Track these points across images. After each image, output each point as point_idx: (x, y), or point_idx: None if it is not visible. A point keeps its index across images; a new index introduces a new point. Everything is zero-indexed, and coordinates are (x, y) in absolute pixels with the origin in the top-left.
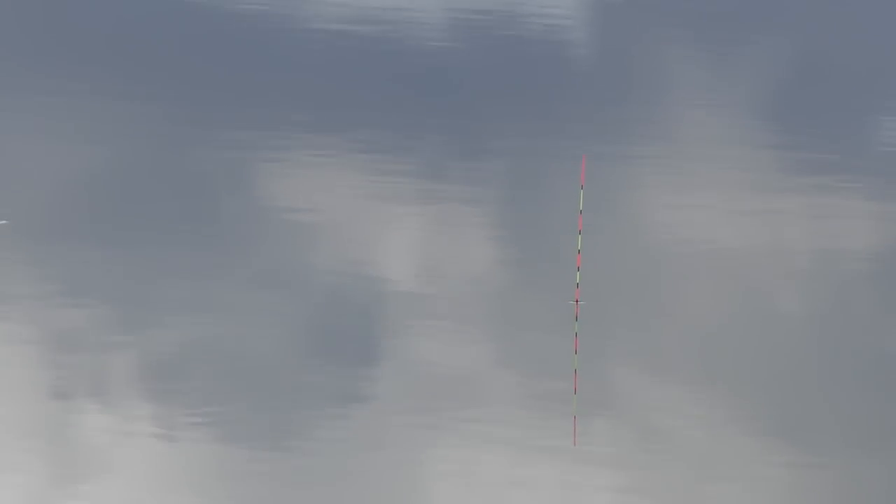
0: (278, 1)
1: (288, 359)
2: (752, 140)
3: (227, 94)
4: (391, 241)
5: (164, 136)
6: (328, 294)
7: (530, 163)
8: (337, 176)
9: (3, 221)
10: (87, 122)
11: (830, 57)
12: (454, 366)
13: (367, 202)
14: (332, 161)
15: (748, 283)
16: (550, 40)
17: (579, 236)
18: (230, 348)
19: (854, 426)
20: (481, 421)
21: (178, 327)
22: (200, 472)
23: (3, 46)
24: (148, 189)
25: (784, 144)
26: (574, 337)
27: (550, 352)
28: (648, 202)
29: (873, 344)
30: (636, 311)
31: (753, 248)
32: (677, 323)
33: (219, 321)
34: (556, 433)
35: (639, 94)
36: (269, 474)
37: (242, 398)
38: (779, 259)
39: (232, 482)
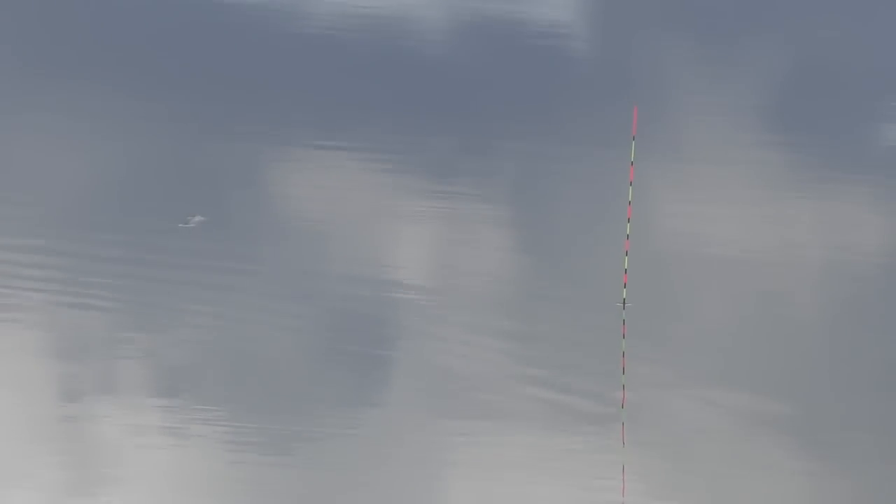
0: (282, 4)
1: (299, 363)
2: (758, 142)
3: (235, 97)
4: (403, 244)
5: (170, 139)
6: (340, 297)
7: (538, 163)
8: (347, 179)
9: (200, 217)
10: (92, 126)
11: (835, 57)
12: (469, 371)
13: (378, 205)
14: (341, 164)
15: (759, 287)
16: (553, 41)
17: (630, 188)
18: (241, 352)
19: (870, 428)
20: (499, 430)
21: (188, 331)
22: (210, 477)
23: (12, 46)
24: (154, 193)
25: (790, 146)
26: (622, 389)
27: (566, 355)
28: (654, 205)
29: (890, 345)
30: (644, 313)
31: (763, 252)
32: (689, 327)
33: (229, 325)
34: (576, 446)
35: (642, 95)
36: (279, 481)
37: (252, 403)
38: (790, 262)
39: (241, 487)
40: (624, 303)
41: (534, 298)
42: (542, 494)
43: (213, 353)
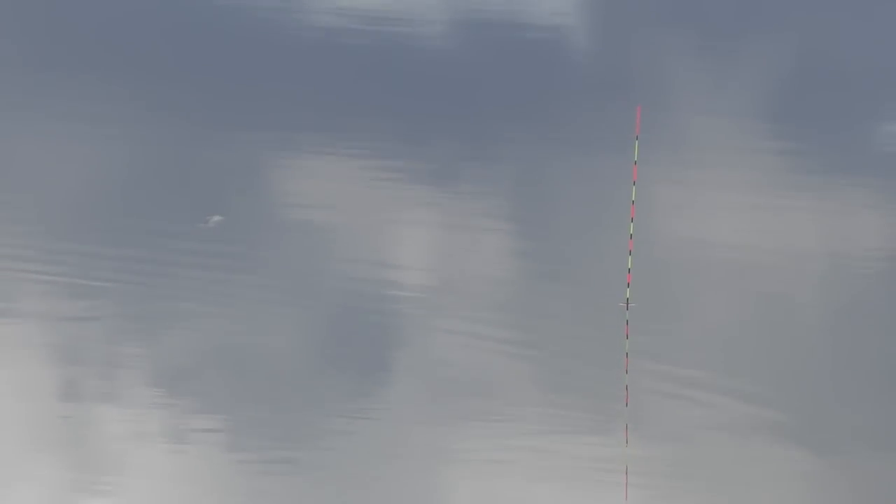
0: (286, 4)
1: (301, 364)
2: (758, 142)
3: (236, 100)
4: (405, 245)
5: (174, 140)
6: (341, 298)
7: (540, 163)
8: (349, 179)
9: (219, 217)
10: (94, 128)
11: (838, 57)
12: (472, 372)
13: (380, 206)
14: (344, 164)
15: (760, 287)
16: (555, 41)
17: (633, 187)
18: (243, 353)
19: (871, 429)
20: (502, 430)
21: (189, 332)
22: (213, 479)
23: (16, 47)
24: (156, 194)
25: (792, 146)
26: (625, 391)
27: (572, 355)
28: (656, 205)
29: (891, 345)
30: (648, 313)
31: (765, 251)
32: (691, 325)
33: (230, 325)
34: (580, 446)
35: (644, 95)
36: (280, 482)
37: (255, 404)
38: (791, 261)
39: (244, 489)
40: (627, 303)
41: (536, 299)
42: (545, 494)
43: (214, 354)
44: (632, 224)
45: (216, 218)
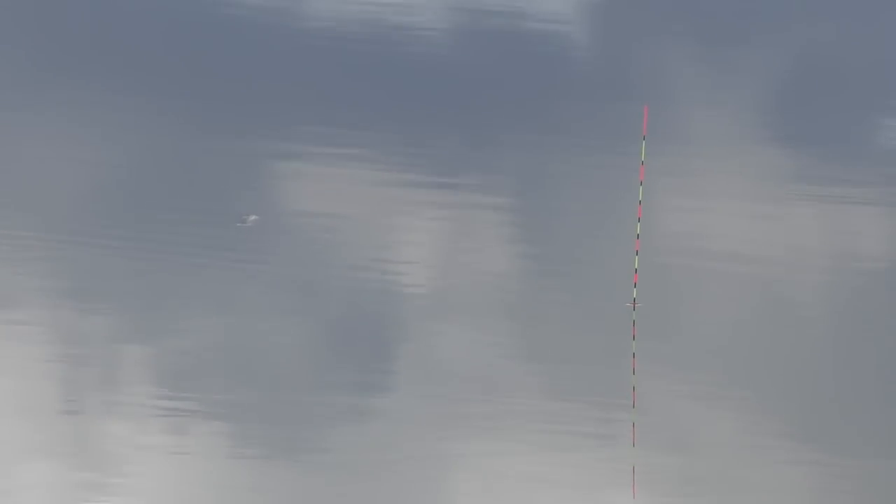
0: (286, 4)
1: (303, 364)
2: (759, 142)
3: (237, 96)
4: (407, 244)
5: (177, 140)
6: (344, 298)
7: (545, 163)
8: (351, 180)
9: (255, 217)
10: (98, 127)
11: (839, 57)
12: (475, 372)
13: (381, 206)
14: (346, 165)
15: (764, 287)
16: (557, 38)
17: (640, 187)
18: (244, 352)
19: (874, 429)
20: (505, 430)
21: (192, 332)
22: (212, 479)
23: (15, 48)
24: (160, 193)
25: (796, 147)
26: (632, 391)
27: (574, 354)
28: (657, 206)
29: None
30: (650, 314)
31: (768, 251)
32: (698, 325)
33: (230, 325)
34: (583, 441)
35: (646, 95)
36: (280, 484)
37: (254, 404)
38: (795, 262)
39: (245, 488)
40: (634, 303)
41: (542, 299)
42: (550, 494)
43: (214, 354)
44: (639, 224)
45: (252, 217)
